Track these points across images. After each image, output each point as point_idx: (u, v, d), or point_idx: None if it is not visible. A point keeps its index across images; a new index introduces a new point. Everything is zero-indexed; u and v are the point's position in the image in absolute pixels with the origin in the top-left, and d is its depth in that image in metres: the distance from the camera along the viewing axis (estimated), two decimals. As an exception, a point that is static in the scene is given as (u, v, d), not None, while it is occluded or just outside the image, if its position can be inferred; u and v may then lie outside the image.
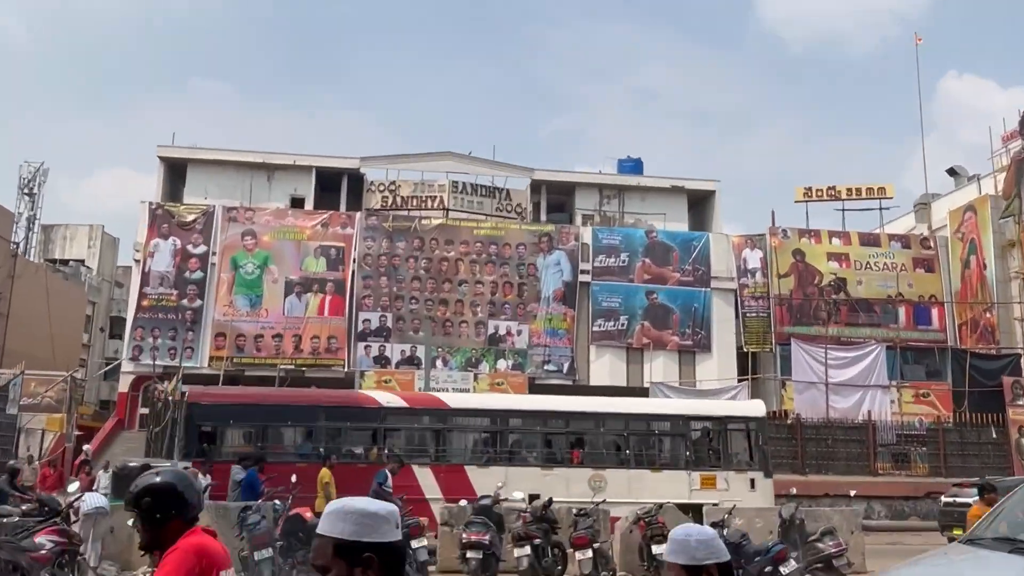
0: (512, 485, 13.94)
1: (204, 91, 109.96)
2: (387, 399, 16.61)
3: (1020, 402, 26.61)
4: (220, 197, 33.05)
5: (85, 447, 21.61)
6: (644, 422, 17.47)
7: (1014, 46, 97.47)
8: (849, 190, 36.46)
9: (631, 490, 15.37)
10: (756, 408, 17.88)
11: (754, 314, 32.50)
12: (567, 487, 15.12)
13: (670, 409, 18.31)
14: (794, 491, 14.00)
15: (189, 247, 30.83)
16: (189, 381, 26.50)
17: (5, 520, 12.04)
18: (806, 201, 36.36)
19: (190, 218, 31.21)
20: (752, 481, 16.04)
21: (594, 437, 17.10)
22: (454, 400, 17.64)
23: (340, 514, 2.10)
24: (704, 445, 17.18)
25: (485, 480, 14.76)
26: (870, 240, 34.21)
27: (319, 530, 2.11)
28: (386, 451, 15.58)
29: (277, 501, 11.59)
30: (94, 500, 10.53)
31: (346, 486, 13.02)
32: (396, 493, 12.56)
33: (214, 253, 30.83)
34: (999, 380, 27.42)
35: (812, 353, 29.24)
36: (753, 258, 33.17)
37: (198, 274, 30.67)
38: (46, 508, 9.59)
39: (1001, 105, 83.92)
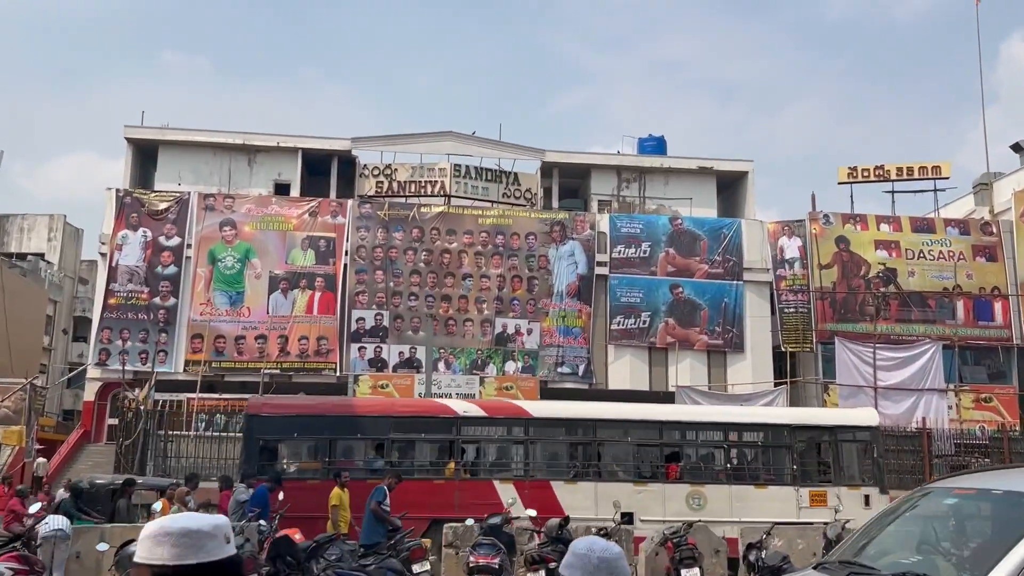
0: (604, 502, 14.19)
1: (176, 66, 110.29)
2: (463, 408, 16.85)
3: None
4: (195, 183, 33.12)
5: (39, 460, 21.58)
6: (746, 433, 17.72)
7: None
8: (899, 170, 36.29)
9: (733, 508, 15.66)
10: (869, 417, 18.09)
11: (792, 309, 32.39)
12: (663, 505, 15.45)
13: (774, 418, 18.67)
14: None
15: (161, 239, 30.89)
16: (162, 388, 26.69)
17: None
18: (850, 183, 36.20)
19: (162, 206, 31.27)
20: (867, 498, 16.19)
21: (691, 449, 17.38)
22: (536, 408, 17.88)
23: (156, 538, 2.11)
24: (812, 458, 17.37)
25: (572, 497, 15.15)
26: (923, 226, 34.01)
27: (136, 558, 2.11)
28: (462, 465, 15.85)
29: (262, 522, 11.58)
30: (55, 522, 10.53)
31: (419, 504, 13.33)
32: (479, 511, 12.74)
33: (189, 245, 30.88)
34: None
35: (858, 353, 29.09)
36: (791, 247, 33.05)
37: (172, 269, 30.74)
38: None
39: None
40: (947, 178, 36.56)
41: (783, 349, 31.74)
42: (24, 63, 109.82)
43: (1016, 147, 38.48)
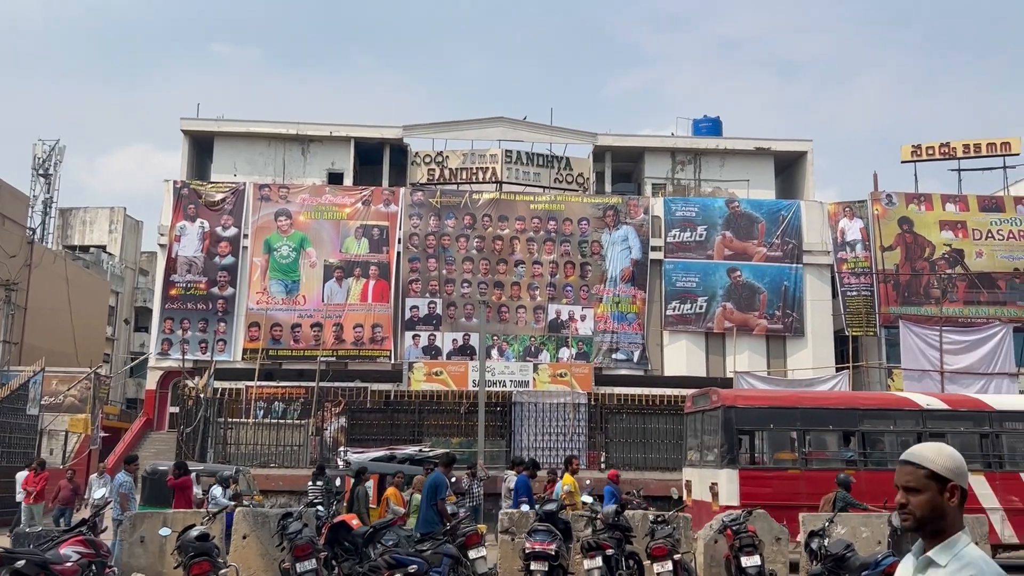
0: None
1: (228, 57, 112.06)
2: (926, 401, 17.48)
3: None
4: (250, 173, 33.66)
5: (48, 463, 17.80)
6: None
7: None
8: (966, 147, 35.27)
9: None
10: None
11: (855, 293, 31.78)
12: None
13: None
14: None
15: (218, 229, 31.47)
16: (221, 376, 27.24)
17: (29, 530, 12.55)
18: (914, 161, 35.31)
19: (218, 197, 31.84)
20: None
21: None
22: (999, 402, 18.43)
23: None
24: None
25: None
26: (992, 204, 33.06)
27: None
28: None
29: (320, 508, 11.75)
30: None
31: (895, 494, 13.64)
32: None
33: (246, 235, 31.42)
34: None
35: (924, 336, 28.56)
36: (852, 229, 32.41)
37: (229, 259, 31.31)
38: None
39: None
40: (1017, 154, 35.39)
41: (846, 333, 31.19)
42: (78, 57, 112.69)
43: (1091, 121, 37.05)
